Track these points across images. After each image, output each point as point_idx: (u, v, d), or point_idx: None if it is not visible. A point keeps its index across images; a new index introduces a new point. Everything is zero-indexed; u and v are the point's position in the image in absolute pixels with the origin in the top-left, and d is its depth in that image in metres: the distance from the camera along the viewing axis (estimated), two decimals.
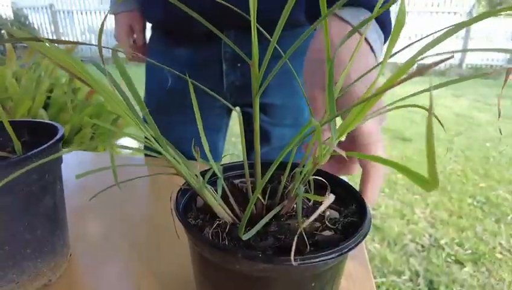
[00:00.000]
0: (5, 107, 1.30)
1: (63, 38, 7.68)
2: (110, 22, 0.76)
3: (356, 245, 0.21)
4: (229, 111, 0.77)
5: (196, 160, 0.27)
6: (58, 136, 0.35)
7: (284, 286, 0.22)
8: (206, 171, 0.27)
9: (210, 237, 0.24)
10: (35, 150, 0.32)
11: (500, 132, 3.85)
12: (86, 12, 7.56)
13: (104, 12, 7.62)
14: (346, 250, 0.20)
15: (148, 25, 0.78)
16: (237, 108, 0.25)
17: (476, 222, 1.87)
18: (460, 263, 1.54)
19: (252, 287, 0.23)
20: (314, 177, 0.28)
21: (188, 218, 0.26)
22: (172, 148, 0.25)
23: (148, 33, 0.80)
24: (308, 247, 0.22)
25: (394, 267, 1.49)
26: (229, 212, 0.26)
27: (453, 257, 1.57)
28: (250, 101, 0.83)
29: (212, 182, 0.31)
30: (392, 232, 1.74)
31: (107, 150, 1.82)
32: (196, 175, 0.25)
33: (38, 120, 0.42)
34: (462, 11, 7.36)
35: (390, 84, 0.17)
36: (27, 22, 7.09)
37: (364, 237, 0.22)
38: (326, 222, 0.23)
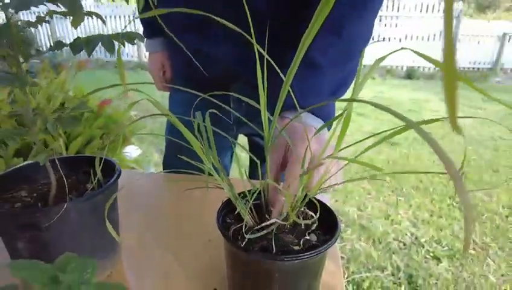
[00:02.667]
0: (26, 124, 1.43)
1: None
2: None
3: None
4: (236, 137, 0.93)
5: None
6: (119, 170, 0.50)
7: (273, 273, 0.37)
8: (243, 192, 0.43)
9: (233, 233, 0.39)
10: (112, 180, 0.47)
11: None
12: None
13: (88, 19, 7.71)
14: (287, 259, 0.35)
15: None
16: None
17: (454, 221, 2.04)
18: (437, 258, 1.71)
19: (260, 273, 0.38)
20: (309, 211, 0.43)
21: (228, 217, 0.43)
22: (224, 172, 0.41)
23: None
24: (274, 251, 0.37)
25: (378, 263, 1.65)
26: (252, 219, 0.41)
27: (431, 254, 1.74)
28: (253, 131, 0.99)
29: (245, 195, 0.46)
30: (377, 231, 1.91)
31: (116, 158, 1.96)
32: (235, 194, 0.41)
33: (95, 155, 0.57)
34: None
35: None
36: None
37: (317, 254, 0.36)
38: (301, 242, 0.38)
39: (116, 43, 0.40)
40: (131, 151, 2.21)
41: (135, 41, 0.41)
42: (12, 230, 0.43)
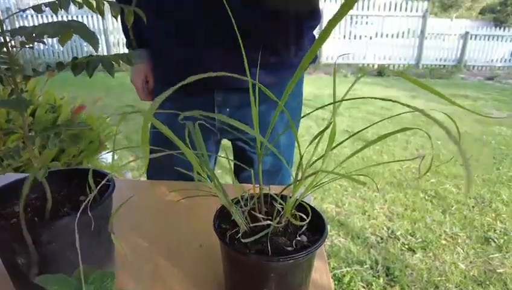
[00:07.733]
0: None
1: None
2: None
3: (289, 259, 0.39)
4: (218, 143, 0.96)
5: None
6: (112, 185, 0.52)
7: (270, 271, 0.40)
8: (235, 199, 0.46)
9: (229, 238, 0.42)
10: (106, 195, 0.48)
11: None
12: (42, 16, 7.42)
13: (62, 17, 7.53)
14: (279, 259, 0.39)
15: None
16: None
17: (426, 214, 2.15)
18: (412, 250, 1.80)
19: (254, 270, 0.41)
20: (299, 213, 0.46)
21: (223, 223, 0.46)
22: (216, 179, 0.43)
23: None
24: (270, 253, 0.40)
25: (357, 258, 1.72)
26: (246, 224, 0.44)
27: (406, 246, 1.83)
28: (235, 136, 1.04)
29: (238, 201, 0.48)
30: (355, 227, 1.99)
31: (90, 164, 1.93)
32: (229, 201, 0.44)
33: (88, 168, 0.58)
34: (416, 14, 7.91)
35: None
36: None
37: (307, 254, 0.40)
38: (293, 243, 0.42)
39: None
40: (107, 156, 2.18)
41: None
42: (12, 246, 0.44)
